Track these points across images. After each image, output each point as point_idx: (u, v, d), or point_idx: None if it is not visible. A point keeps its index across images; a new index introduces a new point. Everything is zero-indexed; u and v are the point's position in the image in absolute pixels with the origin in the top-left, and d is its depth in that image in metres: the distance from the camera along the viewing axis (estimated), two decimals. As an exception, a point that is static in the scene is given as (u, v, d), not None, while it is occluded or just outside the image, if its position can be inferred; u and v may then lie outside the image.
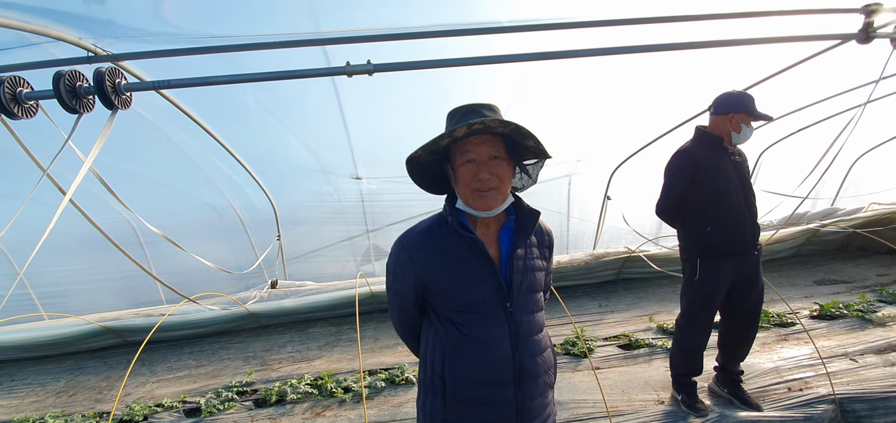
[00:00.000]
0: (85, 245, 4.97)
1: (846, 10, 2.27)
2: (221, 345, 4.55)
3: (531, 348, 1.32)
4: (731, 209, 2.53)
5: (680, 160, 2.60)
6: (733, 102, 2.49)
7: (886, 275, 5.06)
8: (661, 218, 2.79)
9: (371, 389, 3.33)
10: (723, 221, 2.53)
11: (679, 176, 2.59)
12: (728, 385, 2.83)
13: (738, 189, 2.56)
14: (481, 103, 1.29)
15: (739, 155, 2.66)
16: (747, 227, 2.56)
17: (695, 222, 2.62)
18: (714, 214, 2.54)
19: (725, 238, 2.54)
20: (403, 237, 1.37)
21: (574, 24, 2.29)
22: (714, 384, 2.94)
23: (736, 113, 2.49)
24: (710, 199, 2.54)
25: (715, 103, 2.58)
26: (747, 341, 2.76)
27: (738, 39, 2.25)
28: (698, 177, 2.54)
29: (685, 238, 2.73)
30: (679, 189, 2.61)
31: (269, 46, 2.24)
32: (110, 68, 2.03)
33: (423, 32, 2.27)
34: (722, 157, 2.56)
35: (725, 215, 2.53)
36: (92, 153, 2.11)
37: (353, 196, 5.49)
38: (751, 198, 2.61)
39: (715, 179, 2.53)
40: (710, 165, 2.53)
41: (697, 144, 2.61)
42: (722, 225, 2.53)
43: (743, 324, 2.71)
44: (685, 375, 2.81)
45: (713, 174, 2.53)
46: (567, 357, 3.62)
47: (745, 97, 2.49)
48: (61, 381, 4.01)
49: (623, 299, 5.03)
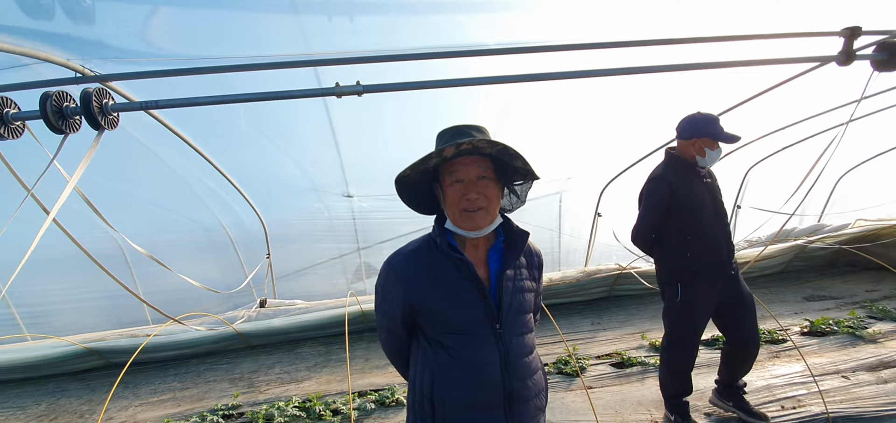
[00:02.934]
0: (69, 265, 4.87)
1: (827, 33, 2.32)
2: (208, 366, 4.47)
3: (521, 371, 1.31)
4: (708, 233, 2.53)
5: (655, 188, 2.58)
6: (695, 126, 2.49)
7: (875, 290, 5.11)
8: (637, 245, 2.74)
9: (360, 411, 3.28)
10: (701, 245, 2.53)
11: (655, 203, 2.57)
12: (732, 398, 2.82)
13: (711, 212, 2.56)
14: (470, 124, 1.30)
15: (710, 176, 2.66)
16: (723, 248, 2.56)
17: (673, 248, 2.61)
18: (692, 239, 2.53)
19: (704, 263, 2.54)
20: (392, 258, 1.36)
21: (558, 47, 2.32)
22: (715, 399, 2.91)
23: (698, 138, 2.49)
24: (687, 224, 2.53)
25: (678, 128, 2.58)
26: (752, 356, 2.74)
27: (723, 61, 2.28)
28: (674, 204, 2.53)
29: (664, 264, 2.71)
30: (655, 217, 2.59)
31: (260, 68, 2.24)
32: (98, 89, 2.02)
33: (412, 55, 2.29)
34: (695, 181, 2.56)
35: (703, 240, 2.53)
36: (77, 173, 2.09)
37: (343, 214, 5.46)
38: (724, 218, 2.62)
39: (690, 204, 2.52)
40: (685, 190, 2.52)
41: (670, 169, 2.60)
42: (700, 250, 2.53)
43: (745, 340, 2.69)
44: (676, 396, 2.79)
45: (688, 200, 2.52)
46: (559, 376, 3.59)
47: (707, 120, 2.47)
48: (42, 404, 3.90)
49: (615, 317, 5.03)
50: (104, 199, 3.61)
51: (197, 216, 5.11)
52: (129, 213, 4.61)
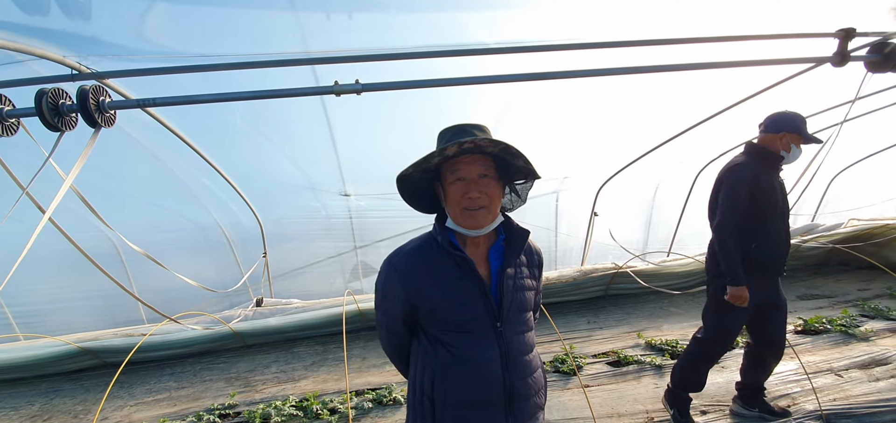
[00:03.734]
0: (64, 264, 4.83)
1: (822, 34, 2.34)
2: (204, 366, 4.44)
3: (522, 369, 1.31)
4: (775, 227, 2.53)
5: (742, 173, 2.53)
6: (785, 121, 2.49)
7: (867, 289, 5.17)
8: (721, 236, 2.56)
9: (358, 410, 3.27)
10: (767, 238, 2.51)
11: (742, 189, 2.51)
12: (758, 404, 2.83)
13: (782, 209, 2.56)
14: (472, 123, 1.30)
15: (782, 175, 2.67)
16: (784, 245, 2.56)
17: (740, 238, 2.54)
18: (761, 230, 2.51)
19: (766, 257, 2.52)
20: (393, 256, 1.36)
21: (557, 46, 2.33)
22: (741, 406, 2.90)
23: (787, 132, 2.49)
24: (761, 214, 2.51)
25: (765, 122, 2.58)
26: (776, 360, 2.76)
27: (719, 62, 2.30)
28: (757, 192, 2.50)
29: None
30: (743, 203, 2.51)
31: (258, 65, 2.23)
32: (94, 86, 2.00)
33: (411, 53, 2.29)
34: (774, 175, 2.56)
35: (770, 232, 2.52)
36: (73, 171, 2.07)
37: (341, 213, 5.45)
38: (788, 217, 2.62)
39: (768, 195, 2.50)
40: (767, 180, 2.51)
41: (754, 159, 2.57)
42: (766, 243, 2.51)
43: (773, 343, 2.70)
44: (684, 389, 2.80)
45: (767, 190, 2.50)
46: (556, 375, 3.60)
47: (797, 117, 2.49)
48: (36, 404, 3.87)
49: (612, 315, 5.05)
50: (99, 197, 3.59)
51: (193, 215, 5.09)
52: (125, 211, 4.58)
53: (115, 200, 4.40)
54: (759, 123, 2.63)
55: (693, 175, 6.17)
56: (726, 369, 3.53)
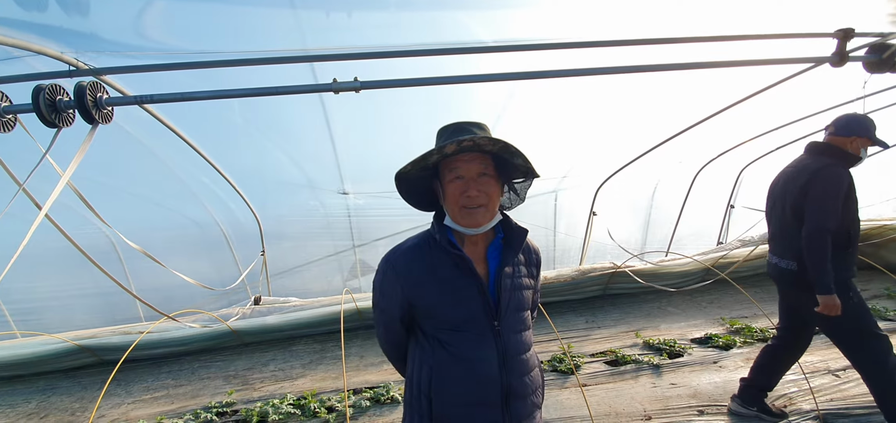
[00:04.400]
0: (62, 261, 4.83)
1: (821, 34, 2.34)
2: (202, 364, 4.44)
3: (519, 368, 1.31)
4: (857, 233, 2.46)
5: (836, 173, 2.38)
6: (859, 124, 2.43)
7: (865, 290, 5.18)
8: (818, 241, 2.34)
9: (355, 408, 3.27)
10: (854, 241, 2.44)
11: (840, 191, 2.36)
12: (757, 403, 2.83)
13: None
14: (470, 121, 1.30)
15: None
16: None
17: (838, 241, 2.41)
18: (854, 232, 2.43)
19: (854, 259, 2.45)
20: (391, 254, 1.35)
21: (556, 44, 2.32)
22: (739, 405, 2.89)
23: (858, 136, 2.43)
24: (853, 215, 2.43)
25: (836, 124, 2.50)
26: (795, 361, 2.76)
27: (718, 61, 2.30)
28: (851, 194, 2.41)
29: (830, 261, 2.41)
30: (839, 205, 2.37)
31: (256, 62, 2.23)
32: (92, 82, 1.99)
33: (410, 51, 2.28)
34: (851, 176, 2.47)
35: (858, 233, 2.45)
36: (70, 168, 2.06)
37: (339, 211, 5.44)
38: None
39: (855, 197, 2.43)
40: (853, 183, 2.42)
41: (838, 159, 2.45)
42: (853, 246, 2.44)
43: (804, 348, 2.70)
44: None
45: (854, 193, 2.42)
46: (554, 374, 3.61)
47: (869, 121, 2.43)
48: (32, 402, 3.86)
49: (610, 315, 5.05)
50: (97, 194, 3.58)
51: (191, 212, 5.08)
52: (122, 209, 4.57)
53: (113, 197, 4.39)
54: (828, 125, 2.55)
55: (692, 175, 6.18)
56: (725, 369, 3.54)
